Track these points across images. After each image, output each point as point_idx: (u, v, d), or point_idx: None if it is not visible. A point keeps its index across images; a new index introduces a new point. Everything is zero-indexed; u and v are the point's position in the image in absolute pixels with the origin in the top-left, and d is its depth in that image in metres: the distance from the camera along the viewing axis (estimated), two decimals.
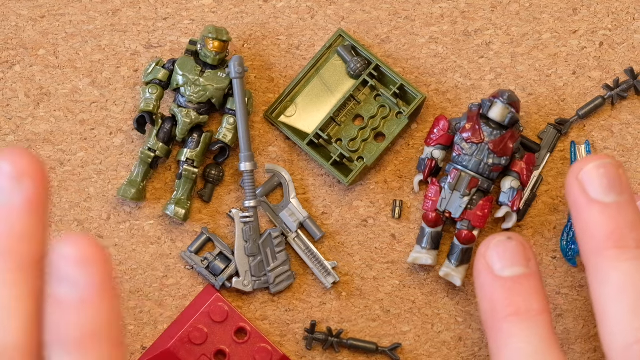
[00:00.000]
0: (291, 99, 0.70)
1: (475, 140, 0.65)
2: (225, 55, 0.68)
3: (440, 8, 0.70)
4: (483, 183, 0.66)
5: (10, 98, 0.70)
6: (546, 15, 0.70)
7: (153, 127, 0.68)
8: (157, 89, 0.68)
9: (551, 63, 0.70)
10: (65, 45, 0.70)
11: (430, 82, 0.70)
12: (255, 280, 0.68)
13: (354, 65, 0.69)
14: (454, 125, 0.67)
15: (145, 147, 0.68)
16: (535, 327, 0.56)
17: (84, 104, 0.70)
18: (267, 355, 0.67)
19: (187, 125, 0.68)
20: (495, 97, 0.65)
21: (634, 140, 0.69)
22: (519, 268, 0.57)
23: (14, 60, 0.70)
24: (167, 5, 0.70)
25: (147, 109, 0.68)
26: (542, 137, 0.69)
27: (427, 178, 0.67)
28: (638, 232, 0.56)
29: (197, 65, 0.68)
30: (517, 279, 0.57)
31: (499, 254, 0.58)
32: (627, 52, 0.70)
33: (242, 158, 0.68)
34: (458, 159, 0.66)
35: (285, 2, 0.70)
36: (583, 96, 0.70)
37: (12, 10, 0.70)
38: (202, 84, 0.68)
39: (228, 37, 0.67)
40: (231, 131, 0.68)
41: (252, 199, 0.68)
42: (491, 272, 0.57)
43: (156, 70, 0.68)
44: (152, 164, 0.68)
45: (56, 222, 0.69)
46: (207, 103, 0.68)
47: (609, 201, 0.56)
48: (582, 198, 0.57)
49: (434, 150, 0.67)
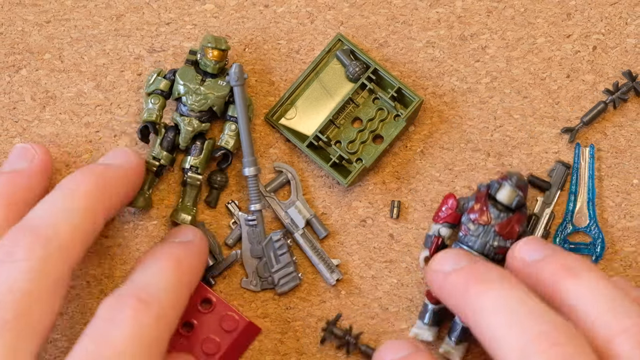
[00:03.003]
0: (291, 102, 0.70)
1: (482, 221, 0.65)
2: (225, 63, 0.68)
3: (437, 13, 0.70)
4: None
5: (16, 101, 0.70)
6: (540, 20, 0.70)
7: (156, 136, 0.68)
8: (159, 99, 0.68)
9: (545, 67, 0.70)
10: (70, 50, 0.71)
11: (427, 86, 0.70)
12: (262, 281, 0.69)
13: (352, 69, 0.69)
14: (462, 205, 0.66)
15: (149, 156, 0.68)
16: (502, 286, 0.57)
17: (88, 107, 0.71)
18: (233, 323, 0.67)
19: (189, 133, 0.68)
20: (504, 179, 0.65)
21: (627, 142, 0.70)
22: (463, 262, 0.60)
23: (20, 65, 0.71)
24: (170, 11, 0.71)
25: (150, 119, 0.68)
26: (552, 175, 0.69)
27: (433, 255, 0.67)
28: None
29: (198, 75, 0.68)
30: (468, 267, 0.59)
31: (441, 261, 0.61)
32: (620, 55, 0.70)
33: (245, 163, 0.68)
34: (464, 239, 0.65)
35: (285, 8, 0.71)
36: (577, 99, 0.70)
37: (18, 15, 0.71)
38: (203, 93, 0.68)
39: (227, 45, 0.68)
40: (233, 137, 0.68)
41: (257, 203, 0.69)
42: (442, 273, 0.60)
43: (158, 80, 0.69)
44: (157, 173, 0.69)
45: None
46: (209, 111, 0.68)
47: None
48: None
49: (441, 227, 0.67)
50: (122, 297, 0.57)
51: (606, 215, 0.69)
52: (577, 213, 0.69)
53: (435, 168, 0.70)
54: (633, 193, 0.69)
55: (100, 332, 0.55)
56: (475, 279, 0.58)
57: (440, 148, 0.70)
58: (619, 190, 0.70)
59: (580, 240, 0.70)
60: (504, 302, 0.55)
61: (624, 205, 0.69)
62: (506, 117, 0.70)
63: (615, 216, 0.69)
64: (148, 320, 0.56)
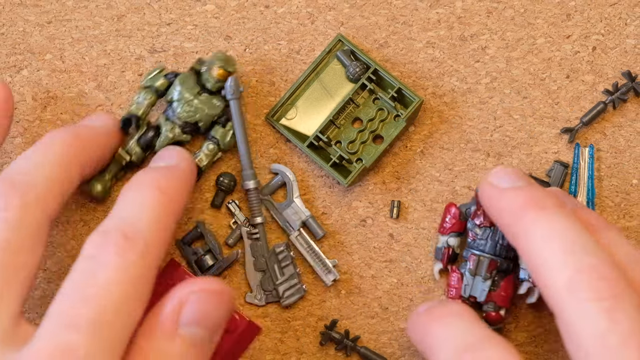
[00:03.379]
0: (292, 102, 0.70)
1: (487, 223, 0.65)
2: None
3: (437, 14, 0.71)
4: (502, 264, 0.66)
5: (18, 101, 0.71)
6: (540, 21, 0.71)
7: (137, 131, 0.68)
8: (151, 95, 0.68)
9: (545, 67, 0.70)
10: (71, 50, 0.71)
11: (427, 86, 0.70)
12: (266, 294, 0.69)
13: (353, 69, 0.69)
14: (464, 212, 0.67)
15: (122, 148, 0.68)
16: (558, 215, 0.57)
17: (89, 107, 0.71)
18: (233, 323, 0.66)
19: (168, 139, 0.68)
20: None
21: (626, 142, 0.70)
22: (521, 182, 0.60)
23: (22, 65, 0.71)
24: (171, 11, 0.71)
25: (136, 112, 0.68)
26: (550, 175, 0.69)
27: (446, 266, 0.67)
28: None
29: (197, 86, 0.68)
30: (527, 188, 0.60)
31: (499, 176, 0.61)
32: (619, 56, 0.70)
33: (244, 176, 0.68)
34: (474, 244, 0.66)
35: (286, 8, 0.71)
36: (576, 99, 0.70)
37: (19, 15, 0.71)
38: (195, 105, 0.67)
39: (234, 68, 0.67)
40: (208, 157, 0.68)
41: (259, 216, 0.69)
42: (498, 188, 0.60)
43: (157, 77, 0.68)
44: (124, 166, 0.68)
45: (62, 223, 0.70)
46: (194, 124, 0.68)
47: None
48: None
49: (448, 238, 0.67)
50: (107, 235, 0.57)
51: (606, 215, 0.70)
52: None
53: (435, 168, 0.70)
54: (632, 193, 0.70)
55: (85, 273, 0.56)
56: (533, 202, 0.58)
57: (440, 148, 0.70)
58: (619, 190, 0.70)
59: None
60: (558, 229, 0.57)
61: (624, 205, 0.70)
62: (506, 117, 0.70)
63: (614, 216, 0.70)
64: (133, 257, 0.56)
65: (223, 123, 0.68)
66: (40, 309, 0.69)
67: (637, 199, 0.70)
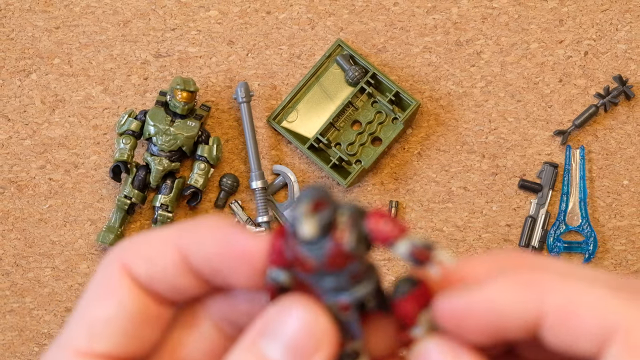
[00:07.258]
0: (293, 105, 0.71)
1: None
2: (194, 104, 0.69)
3: (434, 19, 0.71)
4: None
5: (27, 104, 0.71)
6: (534, 26, 0.71)
7: (128, 175, 0.69)
8: (130, 140, 0.69)
9: (539, 71, 0.71)
10: (79, 55, 0.71)
11: (424, 90, 0.71)
12: None
13: (352, 73, 0.70)
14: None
15: (121, 194, 0.69)
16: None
17: (96, 110, 0.71)
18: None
19: (160, 172, 0.69)
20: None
21: (617, 145, 0.71)
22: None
23: (31, 69, 0.71)
24: (175, 17, 0.72)
25: (121, 158, 0.69)
26: (541, 177, 0.70)
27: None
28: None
29: (167, 115, 0.69)
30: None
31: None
32: (610, 60, 0.71)
33: (252, 177, 0.69)
34: None
35: (287, 14, 0.71)
36: (569, 103, 0.71)
37: (28, 21, 0.72)
38: (173, 133, 0.69)
39: (195, 87, 0.69)
40: (202, 176, 0.70)
41: (265, 215, 0.70)
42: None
43: (129, 121, 0.69)
44: (128, 210, 0.70)
45: (70, 222, 0.71)
46: (178, 151, 0.69)
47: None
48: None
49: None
50: None
51: (597, 215, 0.70)
52: (569, 213, 0.70)
53: (432, 169, 0.71)
54: (623, 193, 0.70)
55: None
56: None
57: (437, 150, 0.71)
58: (610, 190, 0.71)
59: (573, 239, 0.71)
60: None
61: (615, 206, 0.70)
62: (500, 120, 0.71)
63: (606, 216, 0.70)
64: None
65: (205, 140, 0.70)
66: (48, 306, 0.70)
67: (628, 199, 0.70)
